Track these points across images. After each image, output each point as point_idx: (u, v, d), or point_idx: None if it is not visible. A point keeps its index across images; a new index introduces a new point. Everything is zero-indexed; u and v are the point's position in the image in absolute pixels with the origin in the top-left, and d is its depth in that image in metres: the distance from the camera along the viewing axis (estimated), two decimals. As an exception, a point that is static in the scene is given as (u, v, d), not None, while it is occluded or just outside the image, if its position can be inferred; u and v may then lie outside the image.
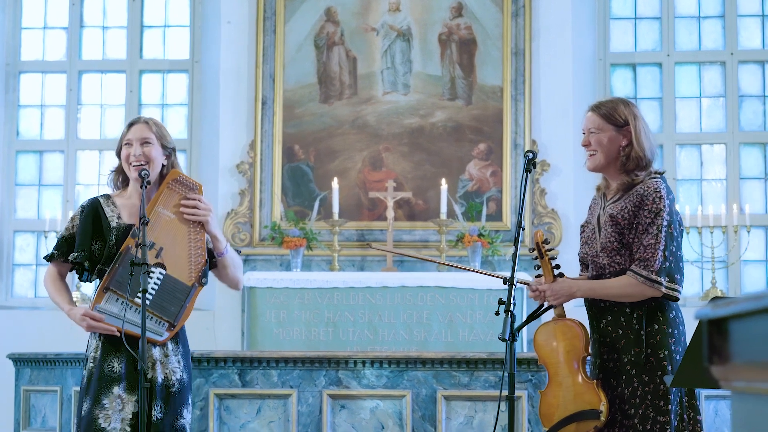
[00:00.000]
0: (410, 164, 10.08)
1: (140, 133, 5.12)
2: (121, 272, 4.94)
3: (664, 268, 4.68)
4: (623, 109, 4.82)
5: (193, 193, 5.12)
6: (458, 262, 9.85)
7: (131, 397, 4.93)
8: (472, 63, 10.13)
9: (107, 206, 5.15)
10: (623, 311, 4.70)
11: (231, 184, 10.14)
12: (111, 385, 4.93)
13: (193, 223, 5.10)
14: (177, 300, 5.02)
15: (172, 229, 5.07)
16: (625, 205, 4.74)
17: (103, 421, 4.88)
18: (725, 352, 2.36)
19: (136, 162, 5.07)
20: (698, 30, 10.46)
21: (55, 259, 5.16)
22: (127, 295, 4.90)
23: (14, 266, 10.57)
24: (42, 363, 7.91)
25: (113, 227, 5.07)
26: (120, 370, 4.95)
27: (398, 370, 7.29)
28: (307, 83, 10.21)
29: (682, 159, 10.33)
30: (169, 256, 5.01)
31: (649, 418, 4.61)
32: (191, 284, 5.06)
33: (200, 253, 5.09)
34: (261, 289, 9.22)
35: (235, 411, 7.36)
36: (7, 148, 10.60)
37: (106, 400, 4.90)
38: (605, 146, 4.80)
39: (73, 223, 5.17)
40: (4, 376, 9.09)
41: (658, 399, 4.61)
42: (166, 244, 5.02)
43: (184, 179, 5.15)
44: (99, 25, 10.82)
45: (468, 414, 7.25)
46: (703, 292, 9.96)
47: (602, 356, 4.75)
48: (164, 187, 5.11)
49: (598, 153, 4.81)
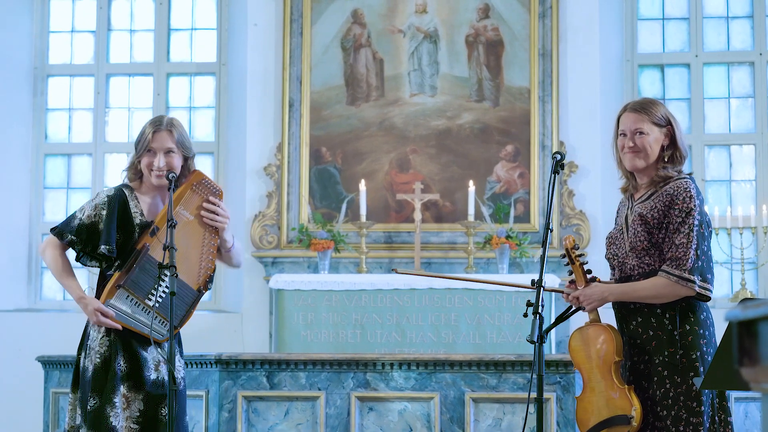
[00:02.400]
0: (437, 166, 10.06)
1: (163, 143, 5.15)
2: (138, 272, 4.98)
3: (696, 267, 4.68)
4: (663, 109, 4.91)
5: (215, 198, 5.18)
6: (486, 264, 9.84)
7: (136, 396, 4.99)
8: (499, 64, 10.11)
9: (132, 200, 5.20)
10: (654, 312, 4.69)
11: (258, 187, 10.15)
12: (119, 383, 4.98)
13: (209, 228, 5.14)
14: (183, 304, 5.11)
15: (188, 231, 5.12)
16: (655, 205, 4.74)
17: (114, 420, 4.93)
18: (755, 354, 2.34)
19: (158, 173, 5.11)
20: (727, 30, 10.41)
21: (73, 245, 5.16)
22: (139, 295, 4.97)
23: (43, 269, 10.60)
24: (70, 365, 7.92)
25: (137, 224, 5.12)
26: (126, 369, 5.00)
27: (426, 372, 7.28)
28: (334, 85, 10.21)
29: (710, 160, 10.28)
30: (181, 259, 5.05)
31: (682, 420, 4.61)
32: (196, 288, 5.13)
33: (210, 258, 5.17)
34: (289, 292, 9.23)
35: (264, 413, 7.37)
36: (35, 152, 10.64)
37: (117, 398, 4.95)
38: (652, 146, 4.84)
39: (96, 212, 5.16)
40: (33, 378, 9.12)
41: (690, 400, 4.61)
42: (181, 245, 5.05)
43: (208, 182, 5.19)
44: (126, 29, 10.86)
45: (496, 416, 7.23)
46: (733, 294, 9.91)
47: (632, 358, 4.75)
48: (187, 188, 5.14)
49: (642, 153, 4.83)
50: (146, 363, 5.04)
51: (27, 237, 10.55)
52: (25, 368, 9.36)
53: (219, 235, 5.19)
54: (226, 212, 5.21)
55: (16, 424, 9.84)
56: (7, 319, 10.24)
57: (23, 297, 10.50)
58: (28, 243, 10.54)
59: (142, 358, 5.03)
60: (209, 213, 5.15)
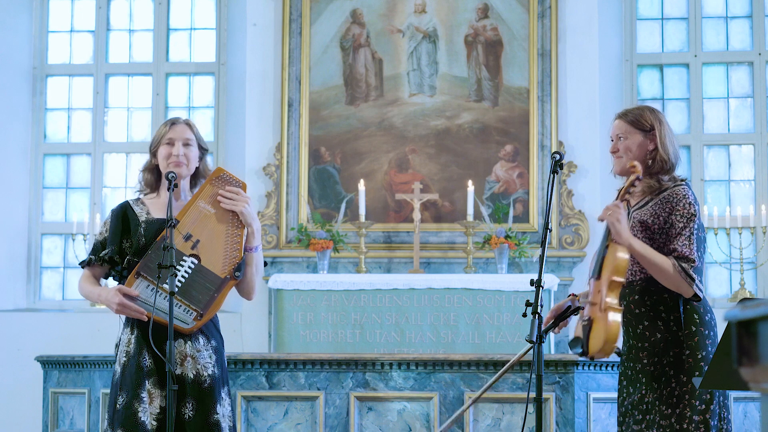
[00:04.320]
0: (437, 166, 10.07)
1: (183, 133, 5.17)
2: (152, 257, 4.97)
3: (698, 268, 4.75)
4: (649, 115, 4.99)
5: (234, 188, 5.15)
6: (485, 264, 9.84)
7: (160, 392, 4.94)
8: (498, 64, 10.12)
9: (136, 206, 5.20)
10: (659, 316, 4.78)
11: (257, 187, 10.15)
12: (145, 378, 4.94)
13: (233, 220, 5.12)
14: (207, 290, 5.02)
15: (210, 223, 5.10)
16: (655, 211, 4.85)
17: (143, 415, 4.89)
18: (754, 354, 2.35)
19: (175, 161, 5.10)
20: (725, 30, 10.41)
21: (92, 264, 5.17)
22: (156, 282, 4.92)
23: (42, 269, 10.61)
24: (70, 365, 7.93)
25: (141, 221, 5.11)
26: (151, 364, 4.96)
27: (425, 372, 7.28)
28: (333, 85, 10.21)
29: (709, 160, 10.28)
30: (204, 249, 5.04)
31: (686, 418, 4.68)
32: (224, 276, 5.06)
33: (237, 248, 5.11)
34: (288, 291, 9.22)
35: (263, 413, 7.37)
36: (34, 151, 10.64)
37: (144, 393, 4.91)
38: (633, 150, 4.94)
39: (105, 227, 5.21)
40: (32, 378, 9.13)
41: (695, 399, 4.69)
42: (203, 236, 5.04)
43: (229, 176, 5.19)
44: (125, 29, 10.86)
45: (495, 416, 7.24)
46: (732, 294, 9.91)
47: (642, 361, 4.80)
48: (207, 183, 5.14)
49: (624, 157, 4.95)
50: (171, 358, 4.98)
51: (26, 237, 10.55)
52: (25, 368, 9.38)
53: (243, 220, 5.12)
54: (245, 197, 5.15)
55: (15, 424, 9.85)
56: (7, 319, 10.24)
57: (22, 297, 10.50)
58: (27, 243, 10.54)
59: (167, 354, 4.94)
60: (226, 199, 5.12)
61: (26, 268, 10.55)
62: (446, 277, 9.34)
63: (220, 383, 5.05)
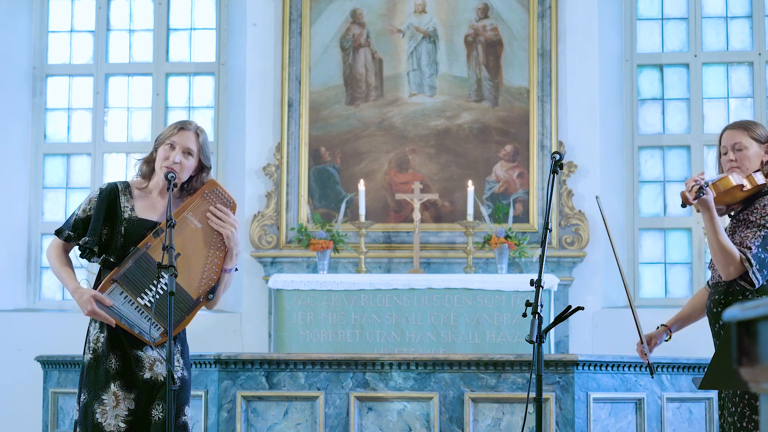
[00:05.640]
0: (437, 166, 10.07)
1: (186, 141, 5.16)
2: (133, 269, 4.97)
3: (756, 255, 4.92)
4: (763, 129, 5.25)
5: (225, 208, 5.15)
6: (485, 264, 9.84)
7: (127, 395, 4.98)
8: (498, 64, 10.12)
9: (123, 195, 5.18)
10: None
11: (257, 187, 10.15)
12: (110, 381, 4.98)
13: (216, 241, 5.12)
14: (178, 311, 5.03)
15: (194, 238, 5.09)
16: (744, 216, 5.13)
17: (100, 416, 4.95)
18: (754, 354, 2.34)
19: (169, 166, 5.09)
20: (726, 30, 10.41)
21: (71, 240, 5.17)
22: (134, 294, 4.94)
23: (42, 269, 10.61)
24: (70, 365, 7.94)
25: (124, 218, 5.10)
26: (118, 367, 4.99)
27: (425, 372, 7.28)
28: (333, 85, 10.21)
29: (709, 160, 10.28)
30: (183, 265, 5.02)
31: (746, 417, 4.87)
32: (196, 297, 5.08)
33: (215, 270, 5.12)
34: (287, 291, 9.22)
35: (263, 413, 7.37)
36: (34, 152, 10.64)
37: (105, 395, 4.96)
38: (752, 160, 5.18)
39: (90, 205, 5.18)
40: (32, 378, 9.13)
41: (754, 399, 4.85)
42: (185, 251, 5.03)
43: (221, 192, 5.18)
44: (125, 29, 10.85)
45: (495, 416, 7.24)
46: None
47: None
48: (198, 195, 5.13)
49: (742, 167, 5.17)
50: (140, 362, 5.01)
51: (26, 237, 10.55)
52: (25, 368, 9.37)
53: (227, 243, 5.14)
54: (234, 221, 5.17)
55: (15, 424, 9.84)
56: (7, 319, 10.24)
57: (22, 297, 10.50)
58: (27, 243, 10.54)
59: (136, 357, 5.01)
60: (215, 217, 5.13)
61: (26, 268, 10.55)
62: (446, 277, 9.34)
63: (188, 386, 5.13)
